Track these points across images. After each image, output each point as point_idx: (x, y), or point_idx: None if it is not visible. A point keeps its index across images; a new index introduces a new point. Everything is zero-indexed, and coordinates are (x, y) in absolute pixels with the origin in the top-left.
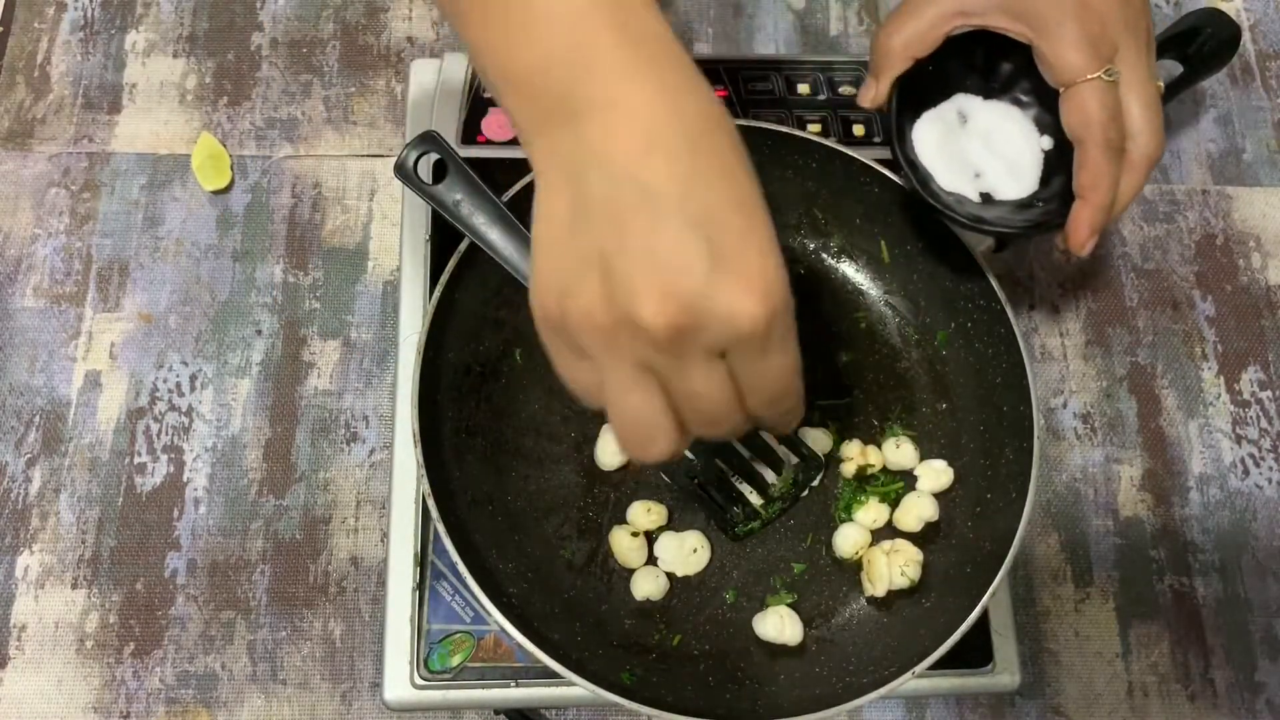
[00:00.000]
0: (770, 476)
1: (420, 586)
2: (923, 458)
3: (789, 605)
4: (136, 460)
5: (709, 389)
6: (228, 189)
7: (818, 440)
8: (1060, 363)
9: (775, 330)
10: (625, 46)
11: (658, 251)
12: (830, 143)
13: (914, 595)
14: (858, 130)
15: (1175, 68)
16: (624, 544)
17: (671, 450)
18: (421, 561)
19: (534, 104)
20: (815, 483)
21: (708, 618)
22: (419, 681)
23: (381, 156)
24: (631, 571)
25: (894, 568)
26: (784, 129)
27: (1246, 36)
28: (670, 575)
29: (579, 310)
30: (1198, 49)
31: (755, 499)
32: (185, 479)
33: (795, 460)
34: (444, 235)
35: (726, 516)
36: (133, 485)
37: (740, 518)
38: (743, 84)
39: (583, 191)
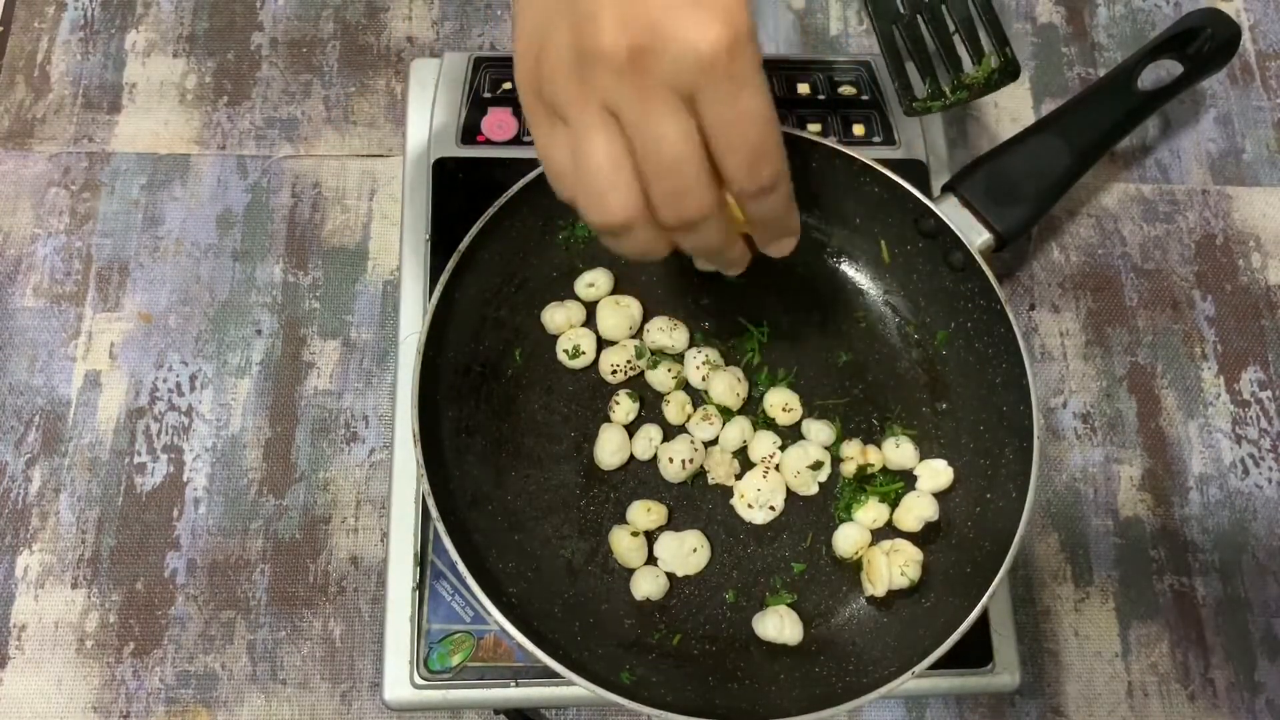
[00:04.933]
0: (968, 64)
1: (420, 586)
2: (923, 458)
3: (789, 605)
4: (136, 460)
5: (672, 133)
6: None
7: (821, 431)
8: (1060, 363)
9: (740, 61)
10: None
11: None
12: (830, 142)
13: (914, 595)
14: (858, 130)
15: (1175, 68)
16: (624, 544)
17: (626, 208)
18: (421, 561)
19: None
20: (1004, 88)
21: (708, 618)
22: (419, 681)
23: (381, 156)
24: (631, 571)
25: (894, 568)
26: (784, 129)
27: (1246, 36)
28: (670, 575)
29: (550, 59)
30: (1198, 49)
31: (945, 80)
32: (185, 479)
33: (998, 59)
34: (444, 235)
35: (909, 86)
36: (132, 485)
37: (925, 93)
38: None
39: None
